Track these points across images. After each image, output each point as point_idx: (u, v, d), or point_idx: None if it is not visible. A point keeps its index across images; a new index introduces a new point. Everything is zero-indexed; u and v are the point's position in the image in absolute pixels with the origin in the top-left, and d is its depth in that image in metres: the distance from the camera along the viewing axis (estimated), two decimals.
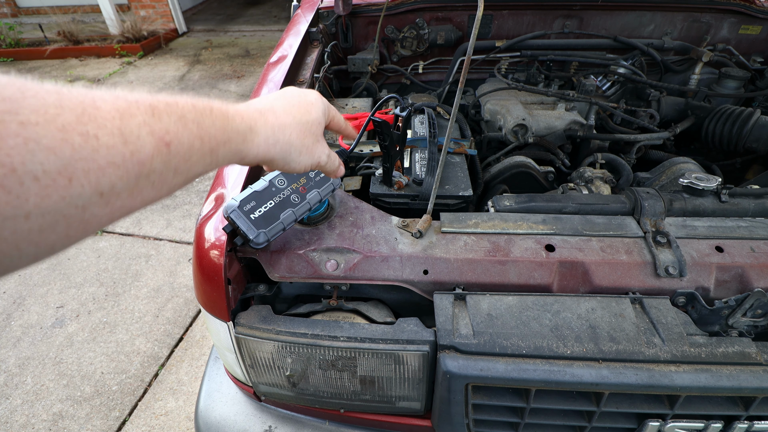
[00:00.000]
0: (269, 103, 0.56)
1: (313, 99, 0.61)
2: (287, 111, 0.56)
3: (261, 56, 5.97)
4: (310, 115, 0.59)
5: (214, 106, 0.46)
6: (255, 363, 0.83)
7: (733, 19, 1.75)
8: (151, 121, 0.38)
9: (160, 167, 0.39)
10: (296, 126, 0.56)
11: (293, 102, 0.58)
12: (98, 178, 0.34)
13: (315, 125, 0.59)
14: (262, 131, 0.52)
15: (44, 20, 6.82)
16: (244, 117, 0.50)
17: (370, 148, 1.14)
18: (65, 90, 0.34)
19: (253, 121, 0.51)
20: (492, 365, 0.68)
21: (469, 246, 0.81)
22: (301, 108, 0.58)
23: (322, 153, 0.62)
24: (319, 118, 0.60)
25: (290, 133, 0.55)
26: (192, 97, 0.45)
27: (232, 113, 0.48)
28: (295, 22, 1.67)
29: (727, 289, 0.78)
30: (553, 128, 1.41)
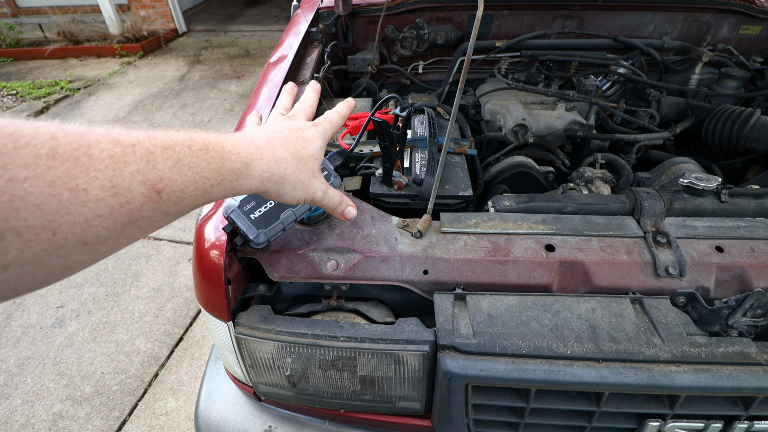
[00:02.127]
0: (266, 137, 0.55)
1: (310, 135, 0.60)
2: (284, 145, 0.56)
3: (261, 56, 5.97)
4: (306, 151, 0.58)
5: (211, 143, 0.46)
6: (255, 363, 0.83)
7: (733, 19, 1.75)
8: (145, 169, 0.37)
9: (149, 213, 0.38)
10: (292, 160, 0.56)
11: (290, 138, 0.57)
12: (84, 230, 0.34)
13: (311, 161, 0.59)
14: (258, 165, 0.51)
15: (44, 20, 6.82)
16: (241, 153, 0.49)
17: (370, 148, 1.14)
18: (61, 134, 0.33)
19: (249, 156, 0.50)
20: (492, 365, 0.68)
21: (469, 246, 0.81)
22: (297, 143, 0.57)
23: (317, 189, 0.61)
24: (315, 153, 0.60)
25: (285, 167, 0.55)
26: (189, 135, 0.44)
27: (228, 150, 0.47)
28: (295, 22, 1.67)
29: (727, 289, 0.78)
30: (553, 128, 1.41)
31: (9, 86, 5.10)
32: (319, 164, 0.61)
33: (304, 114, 0.68)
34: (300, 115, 0.67)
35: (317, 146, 0.60)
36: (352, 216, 0.69)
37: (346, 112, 0.70)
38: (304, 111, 0.69)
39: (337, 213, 0.67)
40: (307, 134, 0.60)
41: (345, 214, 0.68)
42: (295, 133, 0.59)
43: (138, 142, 0.38)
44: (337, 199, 0.65)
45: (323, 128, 0.64)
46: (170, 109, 4.58)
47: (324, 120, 0.65)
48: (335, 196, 0.65)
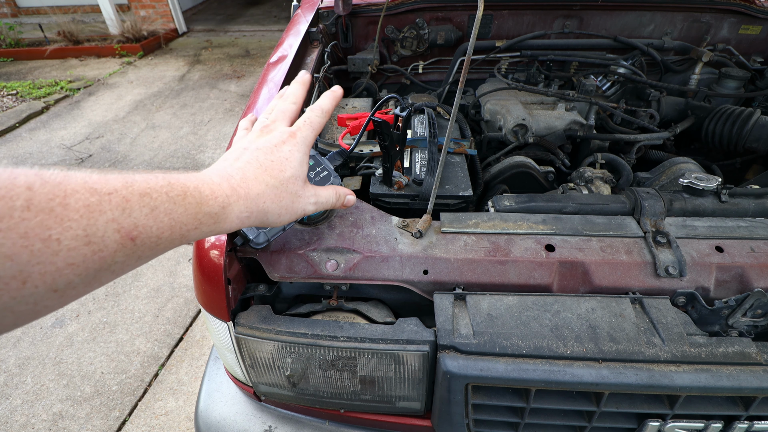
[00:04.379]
0: (241, 172, 0.53)
1: (286, 153, 0.57)
2: (259, 177, 0.54)
3: (261, 56, 5.97)
4: (284, 174, 0.56)
5: (189, 188, 0.46)
6: (255, 363, 0.83)
7: (733, 19, 1.75)
8: (120, 218, 0.38)
9: (122, 259, 0.39)
10: (270, 191, 0.54)
11: (265, 164, 0.55)
12: (54, 278, 0.34)
13: (291, 182, 0.56)
14: (235, 208, 0.50)
15: (44, 20, 6.82)
16: (218, 197, 0.49)
17: (370, 148, 1.14)
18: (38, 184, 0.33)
19: (226, 199, 0.50)
20: (492, 365, 0.68)
21: (469, 246, 0.81)
22: (273, 169, 0.55)
23: (306, 204, 0.59)
24: (296, 171, 0.57)
25: (264, 201, 0.54)
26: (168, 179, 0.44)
27: (206, 195, 0.47)
28: (295, 22, 1.67)
29: (727, 289, 0.78)
30: (553, 128, 1.41)
31: (9, 86, 5.10)
32: (302, 180, 0.58)
33: (285, 117, 0.63)
34: (280, 120, 0.62)
35: (296, 162, 0.57)
36: (352, 203, 0.68)
37: (331, 105, 0.66)
38: (285, 113, 0.64)
39: (338, 207, 0.67)
40: (283, 152, 0.57)
41: (345, 204, 0.67)
42: (270, 155, 0.56)
43: (115, 189, 0.38)
44: (332, 199, 0.64)
45: (303, 135, 0.60)
46: (170, 109, 4.58)
47: (304, 124, 0.62)
48: (329, 196, 0.63)
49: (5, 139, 4.15)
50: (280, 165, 0.56)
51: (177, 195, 0.44)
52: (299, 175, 0.58)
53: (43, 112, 4.63)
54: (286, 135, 0.59)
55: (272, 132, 0.60)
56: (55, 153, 3.88)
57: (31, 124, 4.40)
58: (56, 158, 3.79)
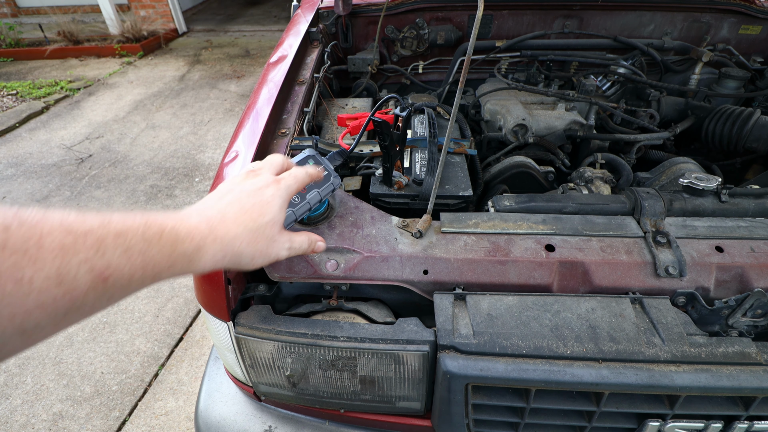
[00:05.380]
0: (221, 212, 0.55)
1: (269, 196, 0.58)
2: (237, 220, 0.55)
3: (261, 56, 5.97)
4: (263, 218, 0.57)
5: (166, 228, 0.46)
6: (255, 363, 0.83)
7: (733, 19, 1.75)
8: (93, 258, 0.38)
9: (93, 299, 0.38)
10: (247, 234, 0.55)
11: (246, 206, 0.56)
12: (23, 320, 0.33)
13: (269, 227, 0.57)
14: (210, 249, 0.51)
15: (44, 20, 6.82)
16: (194, 238, 0.49)
17: (370, 148, 1.14)
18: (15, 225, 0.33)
19: (202, 239, 0.50)
20: (492, 365, 0.68)
21: (469, 246, 0.81)
22: (254, 212, 0.56)
23: (280, 249, 0.60)
24: (275, 217, 0.58)
25: (239, 244, 0.54)
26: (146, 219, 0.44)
27: (182, 235, 0.48)
28: (295, 22, 1.67)
29: (727, 289, 0.78)
30: (553, 128, 1.41)
31: (9, 86, 5.10)
32: (279, 225, 0.60)
33: (272, 167, 0.65)
34: (266, 168, 0.64)
35: (276, 208, 0.59)
36: (322, 249, 0.70)
37: (314, 173, 0.69)
38: (273, 164, 0.66)
39: (309, 252, 0.68)
40: (266, 195, 0.58)
41: (315, 250, 0.69)
42: (253, 197, 0.57)
43: (91, 229, 0.38)
44: (305, 246, 0.65)
45: (286, 184, 0.62)
46: (170, 109, 4.58)
47: (289, 175, 0.63)
48: (302, 243, 0.64)
49: (5, 139, 4.15)
50: (261, 209, 0.57)
51: (153, 235, 0.44)
52: (278, 220, 0.59)
53: (43, 112, 4.63)
54: (271, 180, 0.61)
55: (258, 176, 0.61)
56: (55, 153, 3.88)
57: (31, 124, 4.40)
58: (56, 158, 3.79)
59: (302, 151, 0.85)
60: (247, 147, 0.96)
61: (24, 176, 3.57)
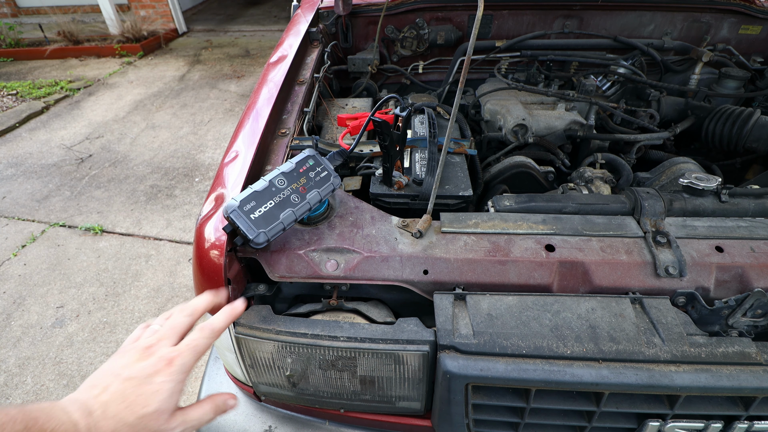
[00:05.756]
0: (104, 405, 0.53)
1: (156, 386, 0.55)
2: (118, 415, 0.53)
3: (261, 56, 5.97)
4: (147, 409, 0.54)
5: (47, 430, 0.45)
6: (255, 363, 0.83)
7: (733, 19, 1.75)
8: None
9: None
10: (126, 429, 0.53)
11: (130, 398, 0.54)
12: None
13: (153, 417, 0.54)
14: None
15: (44, 20, 6.82)
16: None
17: (370, 148, 1.14)
18: None
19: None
20: (492, 365, 0.68)
21: (469, 246, 0.81)
22: (137, 404, 0.54)
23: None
24: (161, 405, 0.55)
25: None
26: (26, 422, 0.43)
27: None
28: (295, 22, 1.67)
29: (727, 289, 0.78)
30: (553, 128, 1.41)
31: (9, 86, 5.10)
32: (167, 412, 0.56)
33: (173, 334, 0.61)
34: (166, 338, 0.60)
35: (166, 394, 0.55)
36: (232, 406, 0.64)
37: (223, 325, 0.64)
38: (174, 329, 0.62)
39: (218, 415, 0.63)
40: (153, 385, 0.55)
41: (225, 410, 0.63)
42: (138, 388, 0.55)
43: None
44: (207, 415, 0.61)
45: (181, 362, 0.58)
46: (170, 109, 4.58)
47: (186, 348, 0.59)
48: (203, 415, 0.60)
49: (5, 139, 4.15)
50: (146, 399, 0.54)
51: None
52: (165, 408, 0.56)
53: (43, 112, 4.63)
54: (163, 363, 0.57)
55: (151, 356, 0.58)
56: (55, 153, 3.88)
57: (31, 124, 4.40)
58: (56, 158, 3.79)
59: (302, 151, 0.85)
60: (247, 147, 0.96)
61: (24, 176, 3.57)
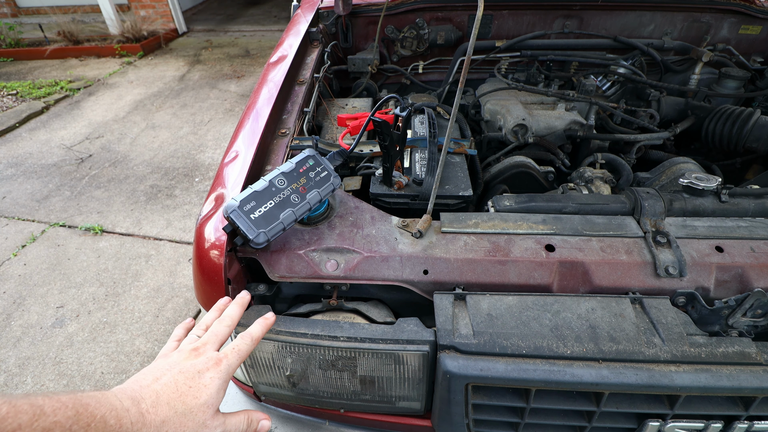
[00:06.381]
0: (155, 393, 0.55)
1: (207, 380, 0.58)
2: (171, 402, 0.55)
3: (261, 56, 5.97)
4: (197, 400, 0.56)
5: (96, 418, 0.46)
6: (255, 363, 0.83)
7: (733, 19, 1.75)
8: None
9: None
10: (176, 418, 0.55)
11: (182, 388, 0.56)
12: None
13: (201, 410, 0.57)
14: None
15: (44, 20, 6.82)
16: (123, 424, 0.49)
17: (370, 148, 1.14)
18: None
19: (130, 426, 0.50)
20: (492, 365, 0.68)
21: (469, 246, 0.81)
22: (188, 395, 0.56)
23: None
24: (209, 400, 0.57)
25: (167, 429, 0.54)
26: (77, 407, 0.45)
27: (111, 424, 0.48)
28: (295, 22, 1.68)
29: (727, 289, 0.78)
30: (553, 128, 1.41)
31: (9, 86, 5.10)
32: (213, 408, 0.59)
33: (216, 340, 0.65)
34: (211, 344, 0.64)
35: (214, 390, 0.58)
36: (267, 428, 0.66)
37: (260, 334, 0.68)
38: (217, 336, 0.66)
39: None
40: (204, 379, 0.58)
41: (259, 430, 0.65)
42: (190, 381, 0.58)
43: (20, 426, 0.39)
44: (242, 427, 0.63)
45: (228, 363, 0.61)
46: (170, 109, 4.58)
47: (231, 351, 0.63)
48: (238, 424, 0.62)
49: (5, 139, 4.15)
50: (197, 392, 0.57)
51: (80, 429, 0.44)
52: (213, 403, 0.58)
53: (43, 112, 4.63)
54: (212, 362, 0.60)
55: (200, 356, 0.61)
56: (55, 153, 3.88)
57: (31, 124, 4.40)
58: (56, 158, 3.79)
59: (302, 151, 0.85)
60: (247, 147, 0.96)
61: (24, 176, 3.57)
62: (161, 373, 0.58)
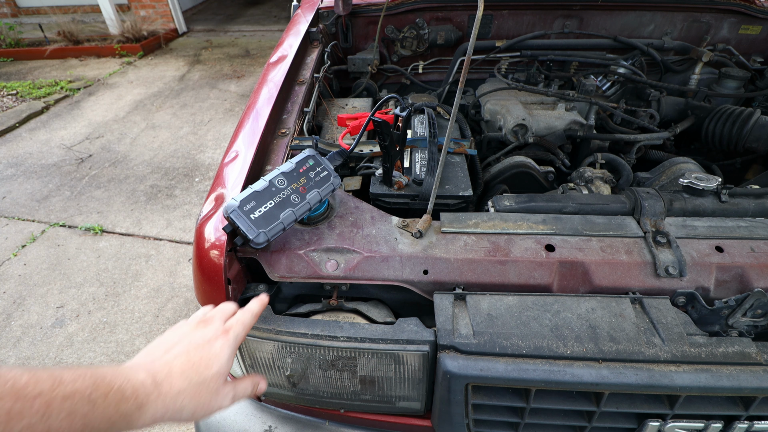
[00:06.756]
0: (168, 364, 0.56)
1: (217, 349, 0.60)
2: (185, 373, 0.56)
3: (261, 56, 5.97)
4: (209, 370, 0.58)
5: (113, 388, 0.48)
6: (255, 363, 0.83)
7: (733, 19, 1.75)
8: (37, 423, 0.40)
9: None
10: (191, 389, 0.56)
11: (194, 359, 0.58)
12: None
13: (214, 380, 0.59)
14: (152, 406, 0.52)
15: (44, 20, 6.81)
16: (139, 395, 0.50)
17: (370, 148, 1.14)
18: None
19: (146, 398, 0.51)
20: (492, 365, 0.68)
21: (469, 246, 0.81)
22: (201, 365, 0.58)
23: (222, 401, 0.61)
24: (221, 368, 0.60)
25: (183, 399, 0.55)
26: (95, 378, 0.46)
27: (127, 395, 0.49)
28: (295, 22, 1.67)
29: (727, 289, 0.78)
30: (553, 128, 1.41)
31: (9, 86, 5.10)
32: (224, 376, 0.61)
33: (222, 315, 0.67)
34: (218, 317, 0.66)
35: (224, 359, 0.60)
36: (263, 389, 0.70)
37: (258, 310, 0.70)
38: (224, 312, 0.68)
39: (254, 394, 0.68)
40: (214, 348, 0.60)
41: (258, 392, 0.69)
42: (200, 351, 0.59)
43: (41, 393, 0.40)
44: (248, 390, 0.66)
45: (235, 334, 0.63)
46: (170, 109, 4.58)
47: (236, 323, 0.65)
48: (245, 389, 0.65)
49: (5, 139, 4.15)
50: (209, 361, 0.58)
51: (98, 396, 0.46)
52: (224, 372, 0.60)
53: (43, 112, 4.63)
54: (220, 331, 0.62)
55: (208, 326, 0.63)
56: (55, 153, 3.88)
57: (31, 124, 4.40)
58: (56, 158, 3.79)
59: (302, 151, 0.85)
60: (247, 147, 0.96)
61: (24, 176, 3.57)
62: (171, 344, 0.59)
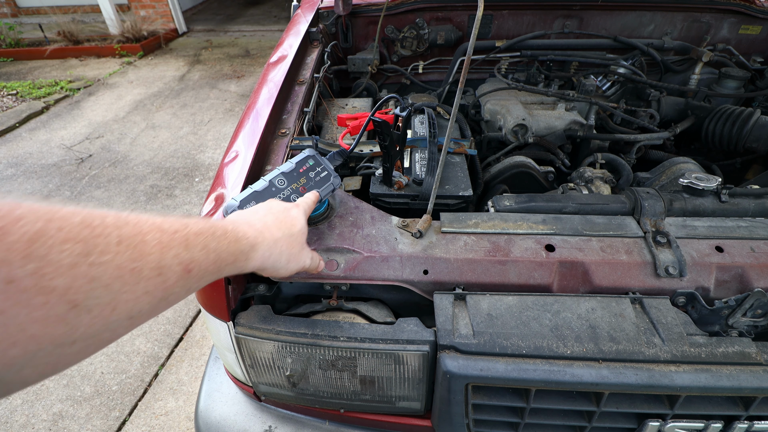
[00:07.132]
0: (262, 221, 0.63)
1: (295, 214, 0.69)
2: (278, 226, 0.64)
3: (261, 56, 5.97)
4: (295, 228, 0.67)
5: (228, 230, 0.54)
6: (255, 363, 0.83)
7: (733, 19, 1.75)
8: (182, 253, 0.45)
9: (178, 290, 0.45)
10: (286, 239, 0.64)
11: (281, 217, 0.66)
12: (133, 306, 0.39)
13: (300, 235, 0.68)
14: (261, 248, 0.59)
15: (44, 20, 6.82)
16: (249, 237, 0.57)
17: (370, 148, 1.14)
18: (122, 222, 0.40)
19: (255, 240, 0.58)
20: (492, 365, 0.68)
21: (469, 246, 0.81)
22: (287, 222, 0.66)
23: (306, 258, 0.69)
24: (302, 229, 0.69)
25: (281, 246, 0.63)
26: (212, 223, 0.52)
27: (240, 236, 0.56)
28: (295, 22, 1.67)
29: (727, 289, 0.78)
30: (553, 128, 1.41)
31: (9, 86, 5.10)
32: (305, 237, 0.70)
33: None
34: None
35: (303, 223, 0.69)
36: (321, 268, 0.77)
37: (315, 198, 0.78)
38: None
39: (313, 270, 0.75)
40: (293, 213, 0.69)
41: (318, 269, 0.76)
42: (284, 213, 0.68)
43: (177, 230, 0.45)
44: (316, 261, 0.74)
45: (305, 205, 0.73)
46: (170, 109, 4.58)
47: (303, 200, 0.75)
48: (314, 258, 0.73)
49: (5, 139, 4.15)
50: (292, 221, 0.67)
51: (220, 235, 0.52)
52: (305, 232, 0.70)
53: (43, 112, 4.63)
54: (292, 204, 0.72)
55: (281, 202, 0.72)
56: (55, 153, 3.88)
57: (31, 124, 4.40)
58: (56, 158, 3.79)
59: (302, 151, 0.85)
60: (247, 147, 0.96)
61: (24, 176, 3.57)
62: (254, 211, 0.67)
